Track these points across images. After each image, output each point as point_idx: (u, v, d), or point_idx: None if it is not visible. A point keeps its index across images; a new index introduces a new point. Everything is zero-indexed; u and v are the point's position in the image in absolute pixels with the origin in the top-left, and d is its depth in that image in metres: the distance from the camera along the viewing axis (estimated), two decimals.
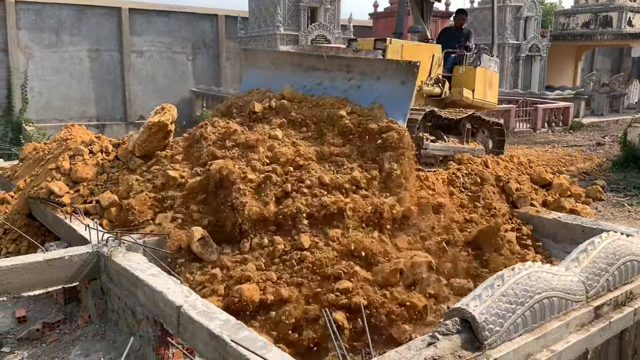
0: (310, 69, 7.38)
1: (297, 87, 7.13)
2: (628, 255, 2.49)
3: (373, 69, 6.99)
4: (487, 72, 9.45)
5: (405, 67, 6.77)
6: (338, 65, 7.20)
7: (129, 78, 19.42)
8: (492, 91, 9.67)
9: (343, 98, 6.25)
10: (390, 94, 6.64)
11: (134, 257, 4.11)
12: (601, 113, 22.61)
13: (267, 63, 7.96)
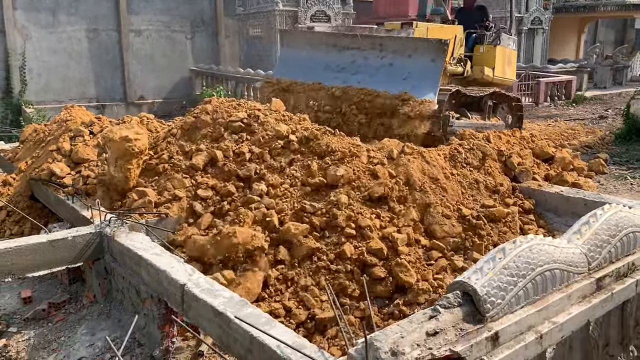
0: (345, 48, 7.79)
1: (332, 65, 7.66)
2: (630, 226, 2.49)
3: (405, 47, 7.38)
4: (505, 50, 9.77)
5: (435, 44, 7.20)
6: (371, 44, 7.59)
7: (128, 58, 19.26)
8: (511, 68, 10.03)
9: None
10: (421, 71, 7.11)
11: (137, 236, 4.13)
12: (604, 86, 22.43)
13: (303, 43, 8.42)
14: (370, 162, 5.09)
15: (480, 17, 10.04)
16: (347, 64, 7.83)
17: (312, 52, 8.27)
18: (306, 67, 8.08)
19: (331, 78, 7.92)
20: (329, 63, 7.89)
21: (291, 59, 8.58)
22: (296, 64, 8.24)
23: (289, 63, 8.49)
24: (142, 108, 19.08)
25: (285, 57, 8.93)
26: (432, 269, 4.38)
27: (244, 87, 16.65)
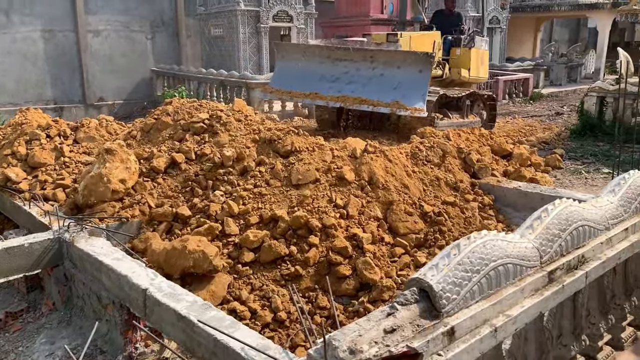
0: (338, 59, 8.50)
1: (327, 75, 8.41)
2: (580, 220, 2.58)
3: (394, 59, 8.11)
4: (479, 51, 10.66)
5: (422, 57, 7.99)
6: (363, 56, 8.31)
7: (86, 59, 18.83)
8: (484, 67, 10.96)
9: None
10: (410, 81, 7.86)
11: (98, 242, 4.05)
12: (560, 83, 23.10)
13: (298, 55, 9.04)
14: (334, 161, 5.13)
15: (457, 21, 10.84)
16: (341, 74, 8.47)
17: (307, 64, 8.87)
18: (302, 78, 8.74)
19: (326, 88, 8.54)
20: (324, 74, 8.54)
21: (287, 70, 9.10)
22: (292, 74, 8.87)
23: (285, 74, 9.07)
24: (102, 110, 18.68)
25: (281, 68, 9.39)
26: (395, 266, 4.44)
27: (207, 87, 16.50)
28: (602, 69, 24.50)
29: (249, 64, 17.95)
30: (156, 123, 5.60)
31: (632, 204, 3.08)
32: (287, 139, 5.18)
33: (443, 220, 4.91)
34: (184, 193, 4.85)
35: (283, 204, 4.65)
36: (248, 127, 5.56)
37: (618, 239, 2.89)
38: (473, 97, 10.06)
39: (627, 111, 10.74)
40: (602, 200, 2.93)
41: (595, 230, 2.71)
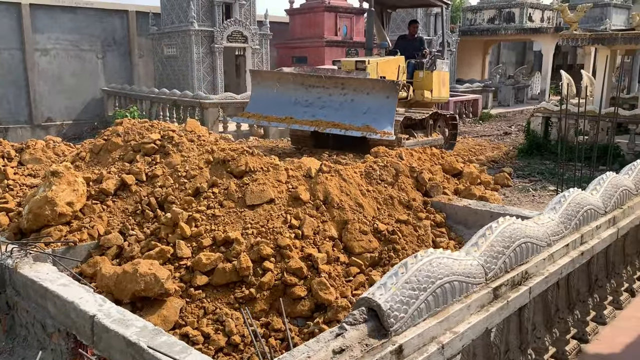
0: (311, 86, 9.15)
1: (301, 101, 9.11)
2: (523, 237, 2.67)
3: (364, 86, 8.83)
4: (440, 73, 11.46)
5: (389, 84, 8.80)
6: (334, 83, 9.02)
7: (33, 78, 18.31)
8: (445, 88, 11.81)
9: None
10: (378, 106, 8.61)
11: (43, 267, 3.91)
12: (507, 104, 23.97)
13: (273, 82, 9.56)
14: (289, 181, 5.14)
15: (419, 45, 11.64)
16: (314, 99, 9.11)
17: (282, 90, 9.43)
18: (277, 103, 9.31)
19: (301, 112, 9.16)
20: (298, 99, 9.17)
21: (262, 96, 9.62)
22: (268, 100, 9.42)
23: (261, 99, 9.59)
24: (50, 130, 18.15)
25: (257, 94, 9.88)
26: (351, 285, 4.46)
27: (159, 107, 16.29)
28: (547, 90, 25.57)
29: (203, 83, 17.85)
30: (106, 144, 5.48)
31: (572, 220, 3.22)
32: (241, 159, 5.16)
33: (397, 239, 4.97)
34: (134, 215, 4.75)
35: (237, 225, 4.62)
36: (201, 148, 5.52)
37: (559, 254, 3.00)
38: (436, 116, 10.85)
39: (570, 131, 11.24)
40: (544, 218, 3.05)
41: (538, 246, 2.81)
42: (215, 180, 5.01)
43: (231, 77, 20.31)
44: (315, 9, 21.69)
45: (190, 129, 5.86)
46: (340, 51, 21.86)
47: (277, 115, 9.37)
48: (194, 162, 5.23)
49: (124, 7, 20.23)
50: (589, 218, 3.43)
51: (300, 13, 22.45)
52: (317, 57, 21.39)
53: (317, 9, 21.58)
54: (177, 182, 5.02)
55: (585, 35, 12.57)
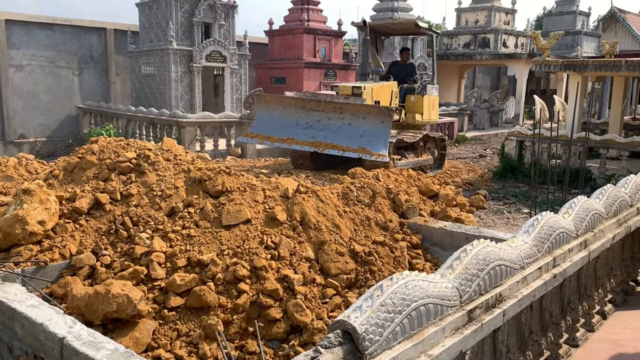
0: (311, 110, 9.99)
1: (302, 123, 9.96)
2: (497, 260, 2.70)
3: (360, 111, 9.63)
4: (430, 97, 12.37)
5: (383, 110, 9.62)
6: (333, 107, 9.84)
7: (7, 94, 18.03)
8: (435, 111, 12.75)
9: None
10: (374, 130, 9.36)
11: (11, 287, 3.80)
12: (483, 127, 24.40)
13: (276, 105, 10.44)
14: (266, 201, 5.13)
15: (410, 71, 12.57)
16: (314, 122, 9.92)
17: (284, 113, 10.27)
18: (280, 125, 10.16)
19: (302, 134, 9.98)
20: (299, 121, 10.02)
21: (266, 118, 10.46)
22: (271, 122, 10.28)
23: (264, 121, 10.46)
24: (23, 147, 17.83)
25: (261, 116, 10.70)
26: (327, 307, 4.44)
27: (136, 126, 16.17)
28: (521, 114, 26.12)
29: (181, 102, 17.80)
30: (80, 162, 5.41)
31: (545, 243, 3.27)
32: (217, 179, 5.14)
33: (373, 260, 4.98)
34: (107, 235, 4.67)
35: (213, 246, 4.58)
36: (177, 167, 5.48)
37: (533, 277, 3.04)
38: (426, 138, 11.71)
39: (543, 154, 11.47)
40: (518, 241, 3.09)
41: (512, 269, 2.84)
42: (191, 200, 4.97)
43: (209, 97, 20.28)
44: (294, 30, 21.90)
45: (167, 148, 5.81)
46: (319, 73, 22.06)
47: (280, 136, 10.18)
48: (169, 181, 5.18)
49: (101, 25, 20.14)
50: (561, 241, 3.49)
51: (279, 34, 22.64)
52: (296, 78, 21.54)
53: (296, 30, 21.79)
54: (152, 202, 4.97)
55: (557, 61, 12.93)
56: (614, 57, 14.29)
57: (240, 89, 19.25)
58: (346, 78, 23.09)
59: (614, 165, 11.81)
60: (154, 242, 4.44)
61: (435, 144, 12.31)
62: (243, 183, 5.27)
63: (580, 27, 31.52)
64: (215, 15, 18.25)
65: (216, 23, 18.40)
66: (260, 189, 5.24)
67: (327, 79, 22.34)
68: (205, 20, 18.13)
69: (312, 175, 9.58)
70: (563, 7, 32.17)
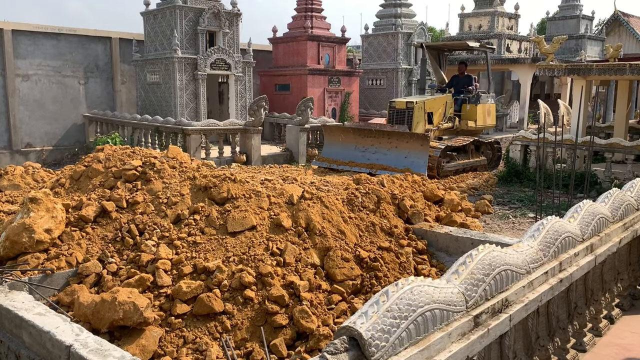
0: (366, 136, 12.42)
1: (359, 147, 12.38)
2: (502, 265, 2.70)
3: (404, 137, 11.77)
4: (485, 105, 14.22)
5: (421, 136, 11.60)
6: (382, 134, 12.15)
7: (14, 103, 18.15)
8: (491, 117, 14.53)
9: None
10: (415, 152, 11.47)
11: (18, 296, 3.82)
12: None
13: (339, 133, 13.02)
14: (271, 207, 5.13)
15: (467, 82, 14.29)
16: (368, 146, 12.28)
17: (345, 140, 12.74)
18: (343, 149, 12.60)
19: (360, 157, 12.29)
20: (357, 146, 12.42)
21: (332, 143, 13.00)
22: (336, 147, 12.80)
23: (331, 146, 12.97)
24: (30, 156, 17.93)
25: (328, 142, 13.25)
26: (333, 313, 4.43)
27: (142, 134, 16.23)
28: (526, 119, 26.05)
29: (186, 110, 17.87)
30: (86, 170, 5.44)
31: (551, 248, 3.26)
32: (223, 186, 5.15)
33: (379, 266, 4.97)
34: (114, 243, 4.69)
35: (218, 253, 4.59)
36: (183, 174, 5.50)
37: (539, 282, 3.03)
38: (478, 143, 13.57)
39: (548, 159, 11.44)
40: (523, 245, 3.08)
41: (518, 274, 2.83)
42: (196, 207, 4.98)
43: (214, 104, 20.35)
44: (298, 38, 21.97)
45: (173, 156, 5.84)
46: (323, 79, 22.10)
47: (343, 159, 12.54)
48: (175, 188, 5.20)
49: (107, 34, 20.28)
50: (567, 245, 3.48)
51: (283, 42, 22.71)
52: (300, 85, 21.60)
53: (300, 38, 21.86)
54: (158, 209, 4.99)
55: (561, 66, 12.90)
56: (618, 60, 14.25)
57: (245, 97, 19.31)
58: (350, 84, 23.13)
59: (619, 169, 11.76)
60: (160, 249, 4.45)
61: (491, 147, 14.13)
62: (248, 190, 5.28)
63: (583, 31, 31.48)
64: (220, 24, 18.34)
65: (220, 31, 18.49)
66: (265, 196, 5.24)
67: (331, 85, 22.39)
68: (209, 28, 18.22)
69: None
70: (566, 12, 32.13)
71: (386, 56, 24.93)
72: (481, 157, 13.70)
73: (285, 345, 4.16)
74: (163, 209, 4.97)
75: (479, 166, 13.52)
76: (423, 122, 13.01)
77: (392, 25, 24.98)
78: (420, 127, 12.94)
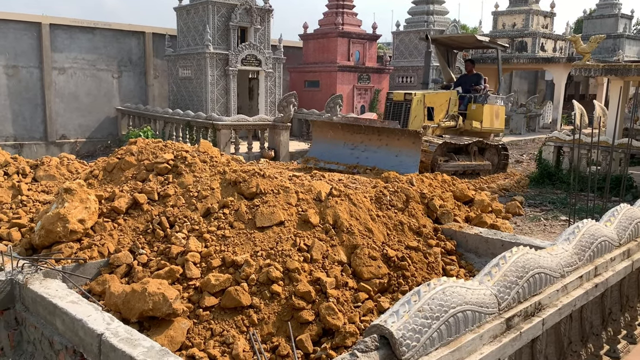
0: (355, 133, 11.46)
1: (348, 144, 11.47)
2: (536, 268, 2.64)
3: (394, 134, 10.76)
4: (493, 107, 13.18)
5: (413, 133, 10.62)
6: (372, 131, 11.17)
7: (50, 96, 18.61)
8: (499, 120, 13.50)
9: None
10: (406, 151, 10.45)
11: (52, 284, 3.91)
12: (519, 132, 23.95)
13: (327, 129, 12.17)
14: (299, 204, 5.14)
15: (475, 80, 13.41)
16: (358, 143, 11.39)
17: (334, 136, 11.89)
18: (332, 145, 11.73)
19: (348, 155, 11.40)
20: (346, 142, 11.57)
21: (322, 140, 12.13)
22: (324, 144, 11.94)
23: (319, 143, 12.14)
24: (64, 148, 18.37)
25: (317, 140, 12.42)
26: (359, 311, 4.41)
27: (173, 128, 16.45)
28: (559, 120, 25.55)
29: (217, 105, 18.04)
30: (119, 163, 5.53)
31: (586, 252, 3.18)
32: (252, 181, 5.18)
33: (406, 265, 4.93)
34: (145, 234, 4.76)
35: (246, 247, 4.61)
36: (213, 169, 5.54)
37: (573, 286, 2.96)
38: (482, 144, 12.49)
39: (582, 161, 11.18)
40: (558, 248, 3.01)
41: (551, 277, 2.77)
42: (226, 201, 5.02)
43: (244, 100, 20.50)
44: (328, 34, 21.95)
45: (203, 150, 5.90)
46: (352, 76, 22.04)
47: (329, 159, 11.69)
48: (205, 182, 5.25)
49: (141, 29, 20.61)
50: (603, 250, 3.39)
51: (313, 38, 22.72)
52: (329, 82, 21.58)
53: (331, 34, 21.84)
54: (188, 202, 5.04)
55: (598, 66, 12.59)
56: None
57: (275, 92, 19.40)
58: (380, 81, 23.01)
59: None
60: (190, 242, 4.50)
61: (497, 151, 12.95)
62: (277, 185, 5.29)
63: (622, 30, 30.66)
64: (251, 20, 18.45)
65: (252, 27, 18.60)
66: (293, 192, 5.25)
67: (360, 82, 22.31)
68: (241, 24, 18.35)
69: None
70: (604, 10, 31.35)
71: (417, 53, 24.71)
72: (485, 162, 12.50)
73: (311, 341, 4.16)
74: (193, 202, 5.02)
75: (482, 171, 12.34)
76: (422, 117, 12.03)
77: (424, 22, 24.75)
78: (417, 122, 11.93)
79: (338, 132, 11.83)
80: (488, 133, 13.21)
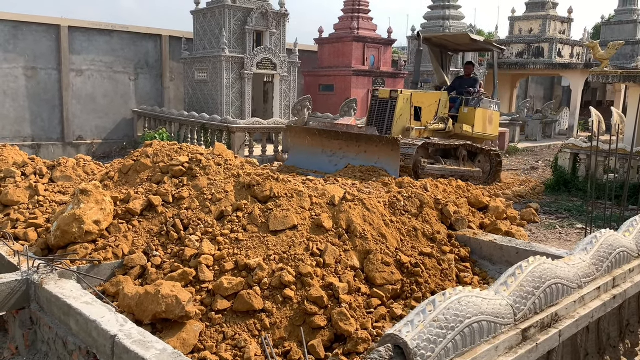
0: (333, 139, 10.91)
1: (327, 150, 10.89)
2: (553, 278, 2.60)
3: (373, 140, 10.29)
4: (487, 111, 12.44)
5: (392, 139, 10.14)
6: (350, 137, 10.67)
7: (68, 97, 18.84)
8: (492, 126, 12.75)
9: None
10: (386, 157, 10.00)
11: (67, 284, 3.94)
12: (535, 138, 23.72)
13: (304, 134, 11.53)
14: (312, 208, 5.13)
15: (470, 83, 12.76)
16: (337, 150, 10.83)
17: (312, 142, 11.32)
18: (309, 153, 11.17)
19: (326, 161, 10.81)
20: (324, 149, 10.98)
21: (299, 146, 11.57)
22: (302, 150, 11.36)
23: (297, 150, 11.56)
24: (81, 149, 18.57)
25: (295, 145, 11.83)
26: (371, 317, 4.39)
27: (188, 130, 16.55)
28: (576, 126, 25.29)
29: (232, 108, 18.13)
30: (135, 165, 5.57)
31: (604, 263, 3.13)
32: (266, 185, 5.18)
33: (420, 272, 4.89)
34: (159, 236, 4.78)
35: (259, 250, 4.61)
36: (227, 172, 5.56)
37: (591, 297, 2.91)
38: (471, 148, 11.71)
39: (599, 168, 11.04)
40: (575, 258, 2.97)
41: (569, 288, 2.73)
42: (240, 205, 5.02)
43: (259, 103, 20.58)
44: (343, 39, 21.97)
45: (218, 153, 5.92)
46: (367, 80, 22.02)
47: (308, 167, 11.04)
48: (220, 185, 5.27)
49: (158, 32, 20.79)
50: (621, 260, 3.33)
51: (329, 42, 22.75)
52: (344, 86, 21.59)
53: (346, 39, 21.86)
54: (202, 205, 5.06)
55: (616, 72, 12.44)
56: None
57: (289, 96, 19.45)
58: (394, 86, 22.98)
59: None
60: (204, 244, 4.51)
61: (489, 156, 12.09)
62: (290, 189, 5.29)
63: None
64: (267, 24, 18.53)
65: (268, 31, 18.68)
66: (307, 196, 5.24)
67: (375, 86, 22.30)
68: (257, 28, 18.44)
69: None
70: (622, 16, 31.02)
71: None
72: (475, 168, 11.68)
73: (323, 347, 4.14)
74: (207, 205, 5.04)
75: (471, 177, 11.40)
76: (408, 116, 11.27)
77: (440, 27, 24.67)
78: (402, 122, 11.21)
79: (315, 138, 11.26)
80: (480, 139, 12.43)
